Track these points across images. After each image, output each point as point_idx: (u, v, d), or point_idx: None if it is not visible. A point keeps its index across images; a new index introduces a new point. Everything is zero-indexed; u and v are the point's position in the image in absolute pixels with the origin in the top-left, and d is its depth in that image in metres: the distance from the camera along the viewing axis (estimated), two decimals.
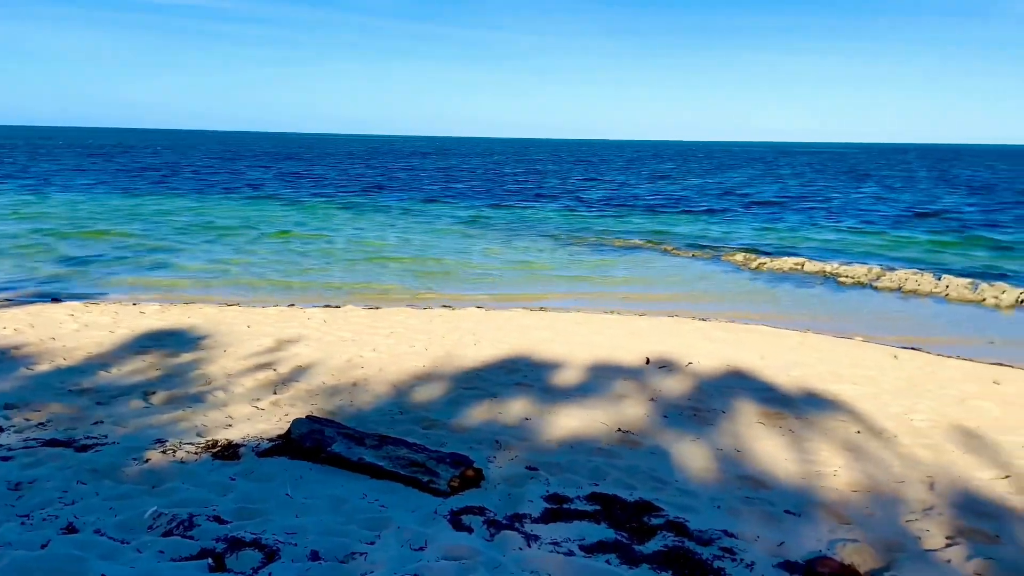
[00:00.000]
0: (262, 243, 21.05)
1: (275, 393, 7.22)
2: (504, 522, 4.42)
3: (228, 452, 5.46)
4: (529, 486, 5.05)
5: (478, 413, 6.86)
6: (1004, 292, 15.29)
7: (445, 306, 13.40)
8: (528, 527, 4.37)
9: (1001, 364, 10.48)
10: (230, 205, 31.24)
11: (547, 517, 4.54)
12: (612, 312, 13.47)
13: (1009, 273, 18.49)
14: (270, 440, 5.70)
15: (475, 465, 5.15)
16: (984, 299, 15.18)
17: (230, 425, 6.21)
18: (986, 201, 40.00)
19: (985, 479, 5.71)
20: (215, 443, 5.65)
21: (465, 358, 8.95)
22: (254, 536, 4.04)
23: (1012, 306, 14.78)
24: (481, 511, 4.55)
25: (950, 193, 46.46)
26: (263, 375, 7.85)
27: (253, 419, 6.38)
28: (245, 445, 5.59)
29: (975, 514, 4.97)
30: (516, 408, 7.04)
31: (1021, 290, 15.43)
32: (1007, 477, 5.76)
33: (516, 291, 15.71)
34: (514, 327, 11.22)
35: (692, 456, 5.95)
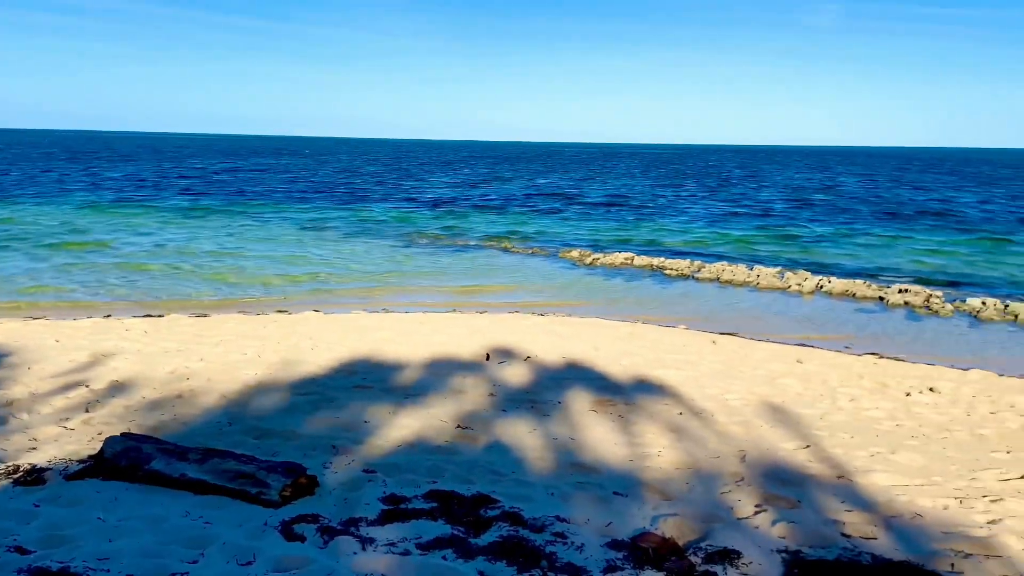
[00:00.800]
0: (69, 252, 19.37)
1: (87, 411, 6.66)
2: (339, 528, 4.33)
3: (32, 477, 4.97)
4: (366, 489, 4.98)
5: (315, 419, 6.67)
6: (806, 280, 16.89)
7: (280, 311, 12.92)
8: (364, 530, 4.30)
9: (803, 344, 11.57)
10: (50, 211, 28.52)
11: (384, 519, 4.49)
12: (453, 310, 13.57)
13: (812, 264, 20.42)
14: (80, 461, 5.25)
15: (309, 472, 5.01)
16: (789, 286, 16.69)
17: (34, 448, 5.66)
18: (795, 199, 44.00)
19: (789, 450, 6.29)
20: (16, 468, 5.13)
21: (302, 364, 8.67)
22: (61, 565, 3.71)
23: (812, 292, 16.36)
24: (315, 519, 4.43)
25: (760, 191, 50.68)
26: (75, 393, 7.21)
27: (61, 440, 5.85)
28: (52, 469, 5.11)
29: (780, 482, 5.46)
30: (354, 411, 6.91)
31: (820, 278, 17.12)
32: (807, 447, 6.37)
33: (355, 294, 15.43)
34: (353, 329, 11.02)
35: (529, 447, 6.11)
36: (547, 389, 7.97)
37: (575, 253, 21.27)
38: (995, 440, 6.87)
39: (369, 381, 8.05)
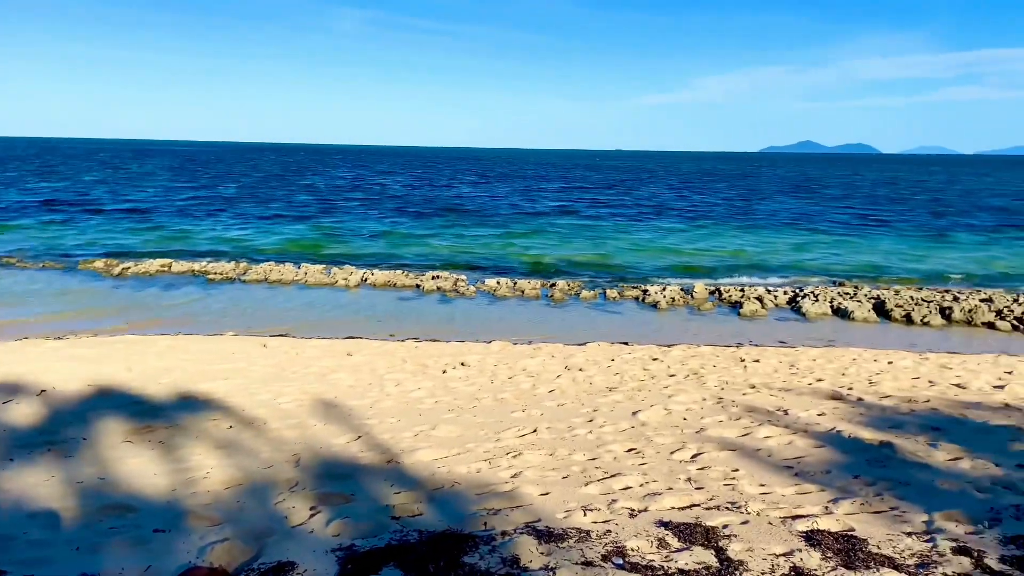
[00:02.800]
0: None
1: None
2: None
3: None
4: None
5: None
6: (351, 274, 17.55)
7: None
8: None
9: (352, 337, 11.97)
10: None
11: None
12: None
13: (358, 259, 21.29)
14: None
15: None
16: (336, 281, 17.16)
17: None
18: (327, 199, 45.38)
19: (342, 444, 6.39)
20: None
21: None
22: None
23: (358, 285, 17.07)
24: None
25: (296, 194, 51.29)
26: None
27: None
28: None
29: (334, 479, 5.51)
30: None
31: (364, 271, 17.95)
32: (359, 438, 6.55)
33: None
34: None
35: (46, 499, 5.14)
36: (69, 425, 6.84)
37: (99, 263, 18.82)
38: (513, 401, 7.95)
39: None
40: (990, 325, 13.80)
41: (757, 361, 10.29)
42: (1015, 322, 13.75)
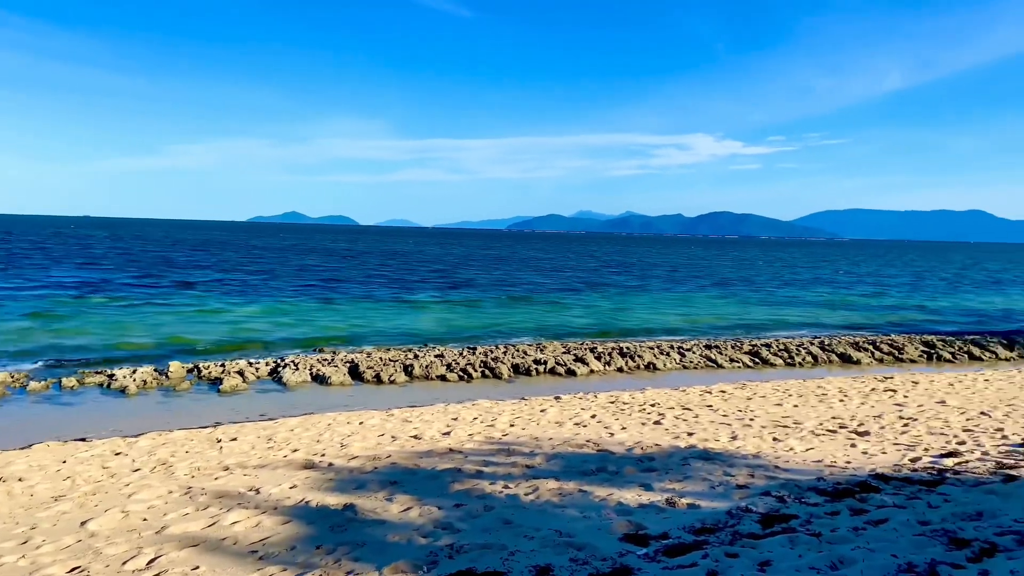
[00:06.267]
0: None
1: None
2: None
3: None
4: None
5: None
6: None
7: None
8: None
9: None
10: None
11: None
12: None
13: None
14: None
15: None
16: None
17: None
18: None
19: None
20: None
21: None
22: None
23: None
24: None
25: None
26: None
27: None
28: None
29: None
30: None
31: None
32: None
33: None
34: None
35: None
36: None
37: None
38: None
39: None
40: (442, 378, 15.89)
41: (235, 440, 9.98)
42: (461, 373, 16.10)
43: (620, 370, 17.40)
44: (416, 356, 17.66)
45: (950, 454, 8.04)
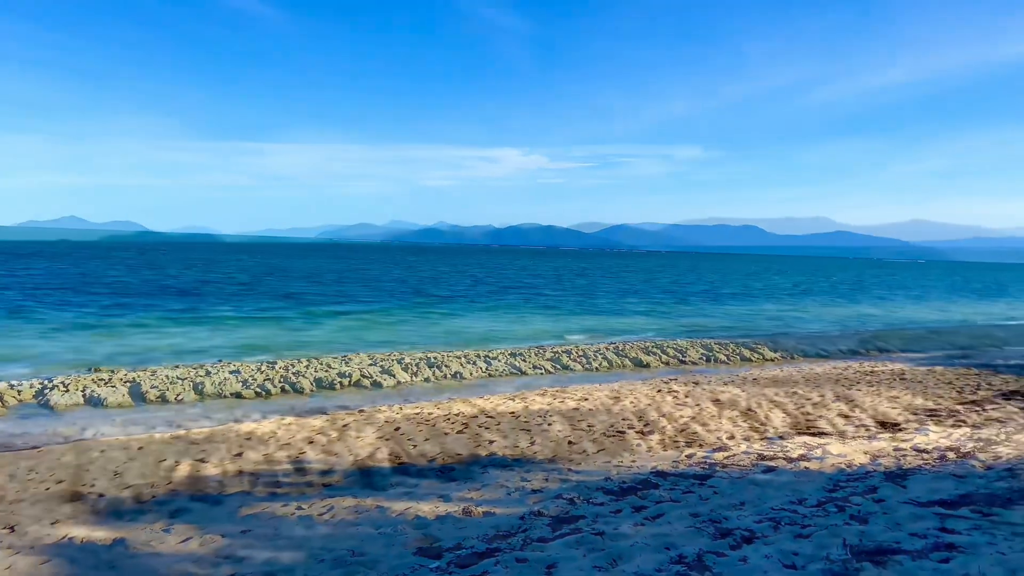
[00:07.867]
0: None
1: None
2: None
3: None
4: None
5: None
6: None
7: None
8: None
9: None
10: None
11: None
12: None
13: None
14: None
15: None
16: None
17: None
18: None
19: None
20: None
21: None
22: None
23: None
24: None
25: None
26: None
27: None
28: None
29: None
30: None
31: None
32: None
33: None
34: None
35: None
36: None
37: None
38: None
39: None
40: (238, 395, 15.01)
41: None
42: (258, 389, 15.30)
43: (427, 380, 17.38)
44: (208, 373, 16.54)
45: (720, 448, 8.81)
